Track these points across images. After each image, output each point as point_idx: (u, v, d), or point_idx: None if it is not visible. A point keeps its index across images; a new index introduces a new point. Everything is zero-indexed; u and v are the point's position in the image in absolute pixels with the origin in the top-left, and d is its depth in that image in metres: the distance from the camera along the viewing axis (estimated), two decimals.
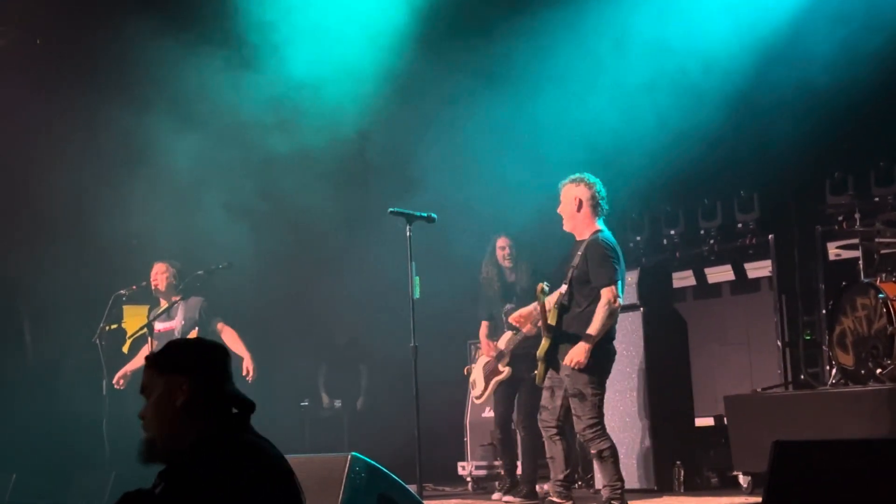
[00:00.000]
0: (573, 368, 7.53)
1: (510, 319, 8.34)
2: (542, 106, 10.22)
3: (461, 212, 9.85)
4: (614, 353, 7.84)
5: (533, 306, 8.04)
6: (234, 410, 3.68)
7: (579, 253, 7.75)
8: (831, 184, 10.10)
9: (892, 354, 8.15)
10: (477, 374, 9.71)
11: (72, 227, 11.22)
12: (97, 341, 9.95)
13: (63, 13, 10.83)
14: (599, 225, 7.82)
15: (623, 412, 9.76)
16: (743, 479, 8.81)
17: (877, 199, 9.60)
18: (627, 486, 9.61)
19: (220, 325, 10.04)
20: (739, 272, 10.81)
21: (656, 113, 9.71)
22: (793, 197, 10.57)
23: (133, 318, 11.63)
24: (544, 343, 7.74)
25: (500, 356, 9.42)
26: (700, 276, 11.07)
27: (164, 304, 10.17)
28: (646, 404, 9.59)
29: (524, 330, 8.52)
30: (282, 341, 11.90)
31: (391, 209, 8.00)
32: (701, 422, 10.18)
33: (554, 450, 7.84)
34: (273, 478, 3.57)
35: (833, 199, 9.90)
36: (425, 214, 8.04)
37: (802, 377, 9.67)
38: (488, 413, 10.31)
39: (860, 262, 8.95)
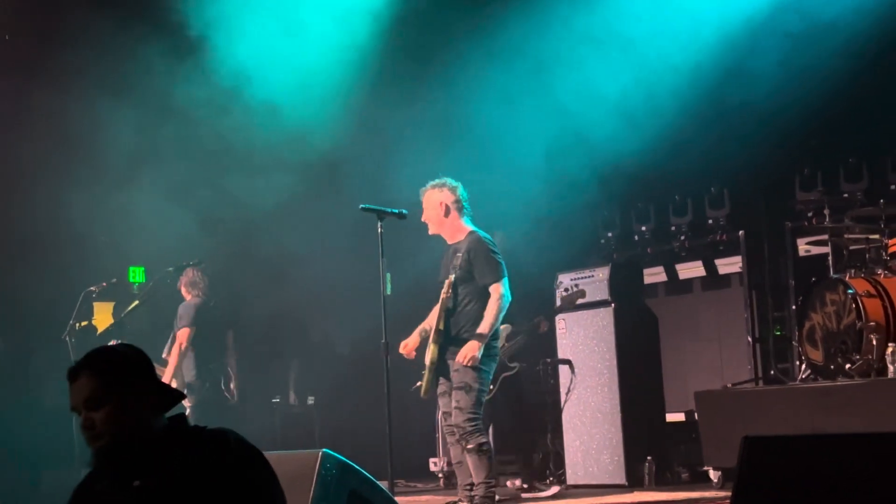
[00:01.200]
0: (465, 364, 7.58)
1: (401, 351, 8.08)
2: (512, 105, 10.22)
3: None
4: (498, 351, 7.93)
5: (416, 333, 8.03)
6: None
7: (460, 253, 7.78)
8: (801, 180, 10.16)
9: (860, 350, 8.20)
10: None
11: (41, 223, 11.14)
12: (67, 338, 9.90)
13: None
14: (471, 225, 7.89)
15: (594, 408, 9.80)
16: (713, 474, 8.85)
17: (846, 195, 9.66)
18: (598, 481, 9.70)
19: (179, 332, 10.00)
20: (710, 268, 10.85)
21: (627, 111, 9.73)
22: (762, 193, 10.63)
23: (103, 315, 11.58)
24: (433, 349, 7.76)
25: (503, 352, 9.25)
26: (671, 272, 11.11)
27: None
28: (617, 400, 9.62)
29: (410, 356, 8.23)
30: (253, 338, 11.87)
31: (362, 205, 7.97)
32: (672, 417, 10.23)
33: (462, 453, 7.86)
34: (253, 461, 3.56)
35: (802, 195, 9.96)
36: (396, 211, 8.00)
37: (772, 372, 9.72)
38: None
39: (829, 258, 9.00)
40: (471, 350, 7.56)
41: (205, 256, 10.28)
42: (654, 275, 11.09)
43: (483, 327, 7.62)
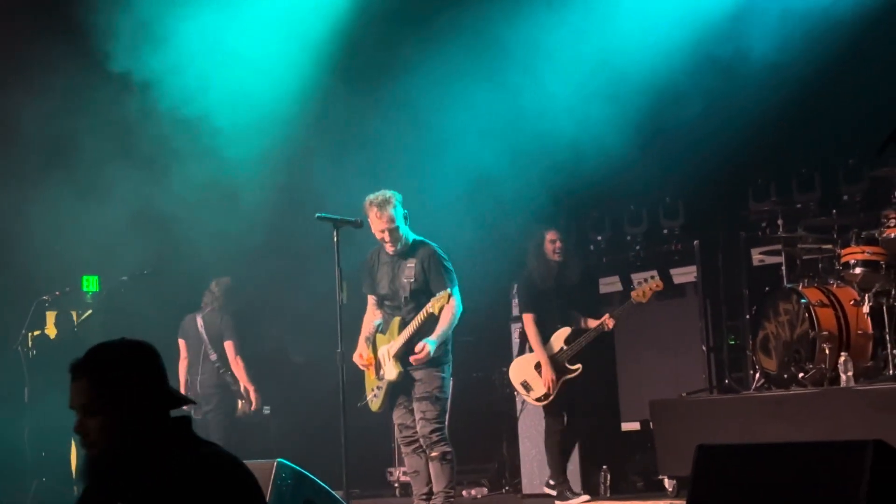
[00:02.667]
0: (425, 374, 7.63)
1: (355, 360, 8.08)
2: (466, 112, 10.22)
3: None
4: (451, 358, 7.95)
5: (364, 344, 8.05)
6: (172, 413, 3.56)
7: (411, 265, 7.79)
8: (754, 190, 10.21)
9: (814, 359, 8.26)
10: (527, 374, 9.19)
11: None
12: (19, 348, 9.81)
13: None
14: (414, 235, 7.93)
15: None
16: (668, 483, 8.88)
17: (799, 205, 9.72)
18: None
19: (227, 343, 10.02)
20: (665, 277, 10.89)
21: (581, 119, 9.76)
22: (717, 204, 10.68)
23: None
24: (397, 365, 7.77)
25: (563, 354, 9.13)
26: (626, 282, 11.13)
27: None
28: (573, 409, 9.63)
29: (369, 367, 8.17)
30: None
31: (318, 214, 7.93)
32: (627, 426, 10.25)
33: (419, 463, 7.86)
34: (243, 486, 3.51)
35: (756, 205, 10.01)
36: (353, 219, 7.96)
37: (727, 381, 9.77)
38: None
39: (783, 267, 9.07)
40: (424, 350, 7.61)
41: (159, 266, 10.22)
42: (609, 284, 11.11)
43: (435, 333, 7.66)
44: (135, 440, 3.44)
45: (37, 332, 11.17)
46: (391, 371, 7.77)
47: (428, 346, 7.64)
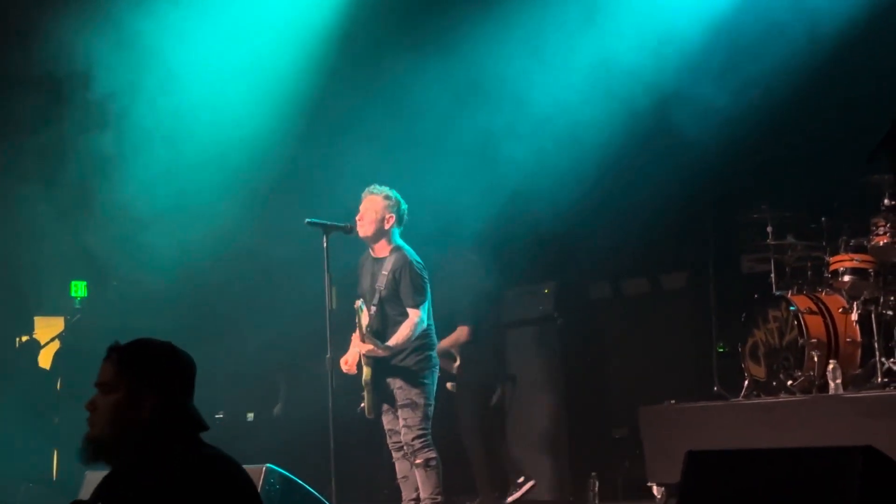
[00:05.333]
0: (405, 381, 7.62)
1: (343, 368, 8.02)
2: (461, 108, 10.21)
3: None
4: (437, 362, 7.93)
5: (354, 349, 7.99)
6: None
7: (385, 272, 7.78)
8: (745, 197, 10.21)
9: (802, 366, 8.28)
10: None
11: None
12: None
13: None
14: (399, 242, 7.90)
15: (539, 423, 9.79)
16: (657, 490, 8.87)
17: (788, 213, 9.73)
18: (543, 496, 9.69)
19: None
20: (655, 284, 10.89)
21: (576, 120, 9.76)
22: (708, 210, 10.67)
23: (45, 330, 11.47)
24: (367, 371, 7.75)
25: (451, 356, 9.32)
26: (617, 288, 11.14)
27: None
28: (562, 416, 9.63)
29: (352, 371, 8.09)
30: (197, 353, 11.73)
31: (308, 220, 7.91)
32: (616, 433, 10.24)
33: (407, 469, 7.85)
34: (241, 490, 3.50)
35: (746, 212, 10.01)
36: (343, 224, 7.96)
37: (715, 389, 9.76)
38: None
39: (772, 275, 9.08)
40: (374, 350, 7.63)
41: (147, 271, 10.19)
42: (599, 290, 11.12)
43: (391, 342, 7.66)
44: (138, 431, 3.47)
45: (25, 338, 11.15)
46: (365, 372, 7.79)
47: (379, 349, 7.65)
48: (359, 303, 7.75)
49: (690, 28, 9.70)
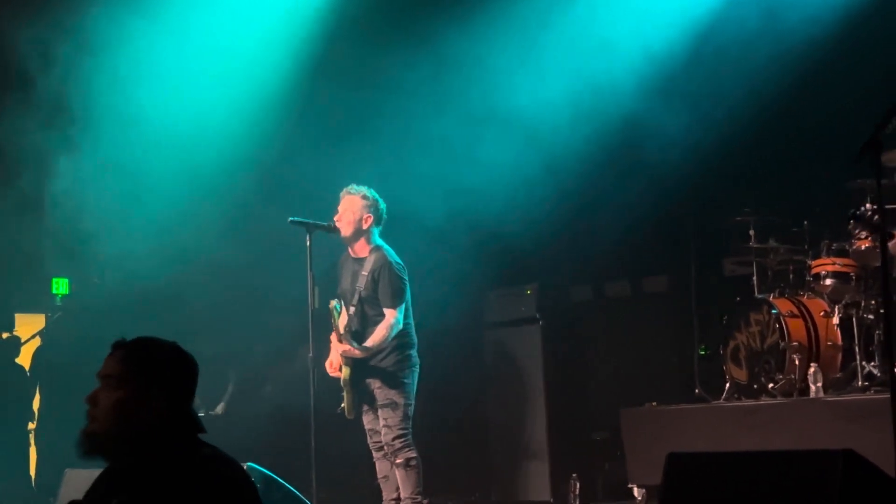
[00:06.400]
0: (384, 381, 7.63)
1: (328, 371, 8.03)
2: (450, 108, 10.21)
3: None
4: (418, 361, 7.91)
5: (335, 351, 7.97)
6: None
7: (365, 273, 7.78)
8: (727, 201, 10.23)
9: (783, 369, 8.31)
10: None
11: None
12: None
13: None
14: (379, 242, 7.90)
15: (520, 424, 9.80)
16: (637, 492, 8.89)
17: (771, 216, 9.75)
18: (524, 498, 9.70)
19: None
20: (637, 286, 10.90)
21: (555, 123, 9.77)
22: (690, 212, 10.70)
23: (25, 327, 11.42)
24: (346, 371, 7.75)
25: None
26: (598, 291, 11.15)
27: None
28: (543, 417, 9.63)
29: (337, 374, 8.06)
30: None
31: (291, 218, 7.90)
32: (597, 435, 10.25)
33: (387, 468, 7.87)
34: (240, 490, 3.49)
35: (728, 215, 10.03)
36: (326, 223, 7.95)
37: (697, 391, 9.78)
38: None
39: (754, 278, 9.10)
40: (350, 350, 7.63)
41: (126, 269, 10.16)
42: (581, 293, 11.12)
43: (367, 343, 7.67)
44: (140, 428, 3.47)
45: (6, 335, 11.10)
46: (344, 372, 7.78)
47: (356, 350, 7.65)
48: (333, 303, 7.75)
49: (673, 32, 9.73)
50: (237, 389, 11.96)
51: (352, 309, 7.82)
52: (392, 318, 7.69)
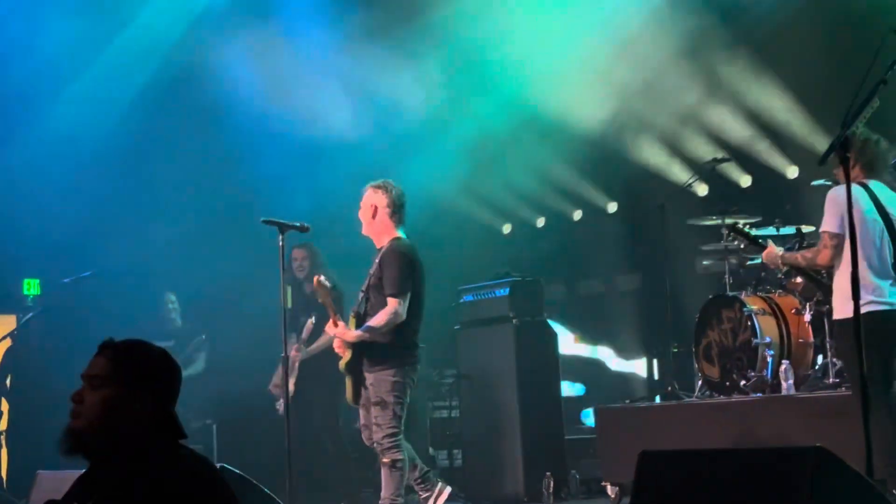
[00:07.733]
0: (377, 378, 7.57)
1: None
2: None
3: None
4: (418, 361, 7.82)
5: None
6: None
7: (376, 260, 7.76)
8: (700, 198, 10.29)
9: (755, 366, 8.34)
10: None
11: None
12: None
13: None
14: (399, 232, 7.82)
15: (494, 423, 9.81)
16: (610, 490, 8.91)
17: (743, 214, 9.79)
18: (498, 495, 9.71)
19: None
20: (610, 284, 10.95)
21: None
22: (662, 211, 10.73)
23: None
24: (346, 355, 7.71)
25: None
26: (572, 288, 11.19)
27: None
28: (516, 416, 9.64)
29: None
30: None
31: (263, 218, 7.87)
32: (571, 432, 10.28)
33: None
34: (217, 493, 3.50)
35: (701, 213, 10.08)
36: (298, 224, 7.92)
37: (669, 388, 9.82)
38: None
39: (727, 275, 9.14)
40: (344, 333, 7.59)
41: (102, 269, 10.12)
42: (555, 291, 11.15)
43: (366, 326, 7.58)
44: (125, 429, 3.49)
45: None
46: (345, 355, 7.72)
47: (351, 331, 7.62)
48: (319, 278, 7.72)
49: None
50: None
51: (360, 295, 7.78)
52: (392, 308, 7.54)
